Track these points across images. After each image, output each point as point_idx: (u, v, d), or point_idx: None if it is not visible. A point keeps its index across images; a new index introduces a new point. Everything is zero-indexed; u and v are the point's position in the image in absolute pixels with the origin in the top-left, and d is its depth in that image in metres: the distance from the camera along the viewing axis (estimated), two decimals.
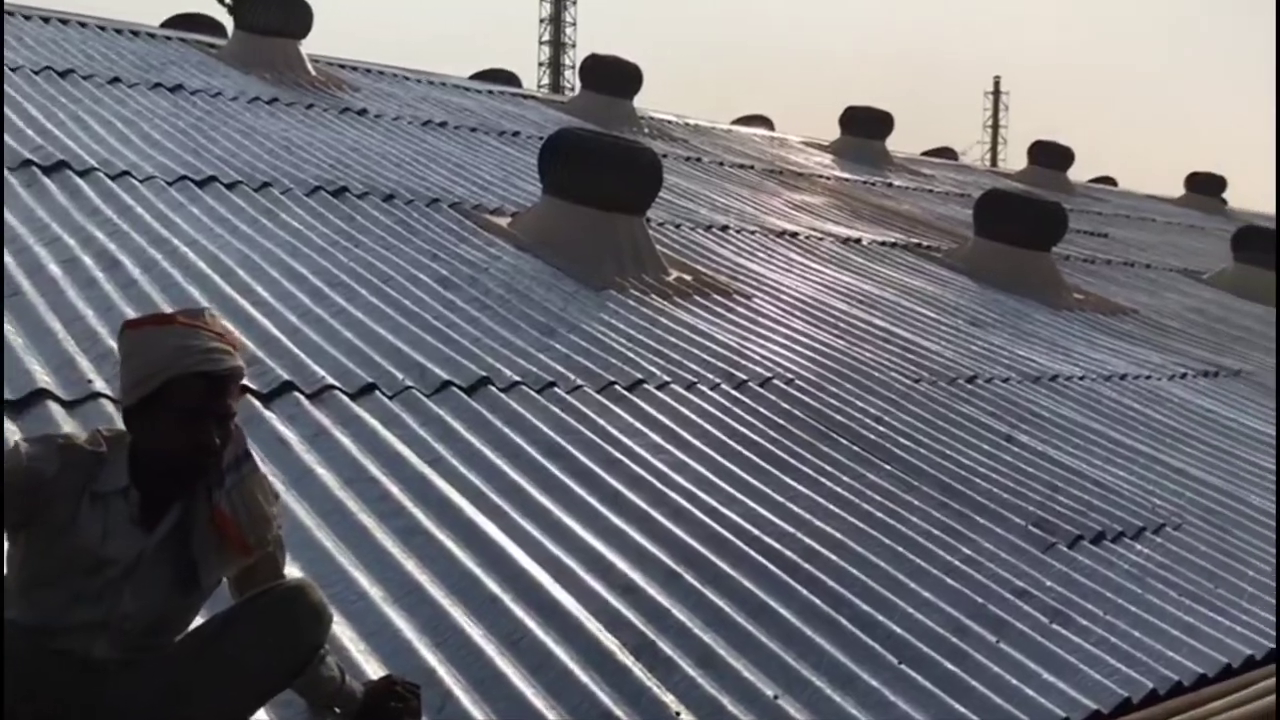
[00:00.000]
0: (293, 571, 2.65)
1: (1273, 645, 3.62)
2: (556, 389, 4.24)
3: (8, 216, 4.59)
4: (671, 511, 3.51)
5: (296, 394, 3.67)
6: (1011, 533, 3.99)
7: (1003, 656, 3.15)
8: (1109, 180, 19.44)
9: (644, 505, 3.50)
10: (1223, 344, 8.33)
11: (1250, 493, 5.11)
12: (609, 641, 2.76)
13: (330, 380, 3.81)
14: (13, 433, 2.98)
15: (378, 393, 3.84)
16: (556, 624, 2.79)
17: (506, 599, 2.83)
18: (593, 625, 2.81)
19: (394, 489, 3.25)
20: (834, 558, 3.44)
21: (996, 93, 55.15)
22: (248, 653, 2.08)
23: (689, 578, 3.13)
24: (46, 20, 9.02)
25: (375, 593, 2.75)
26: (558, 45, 46.43)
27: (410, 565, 2.90)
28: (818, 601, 3.17)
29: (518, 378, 4.22)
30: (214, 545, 2.12)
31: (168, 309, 3.71)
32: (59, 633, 2.04)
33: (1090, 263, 10.22)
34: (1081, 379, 6.23)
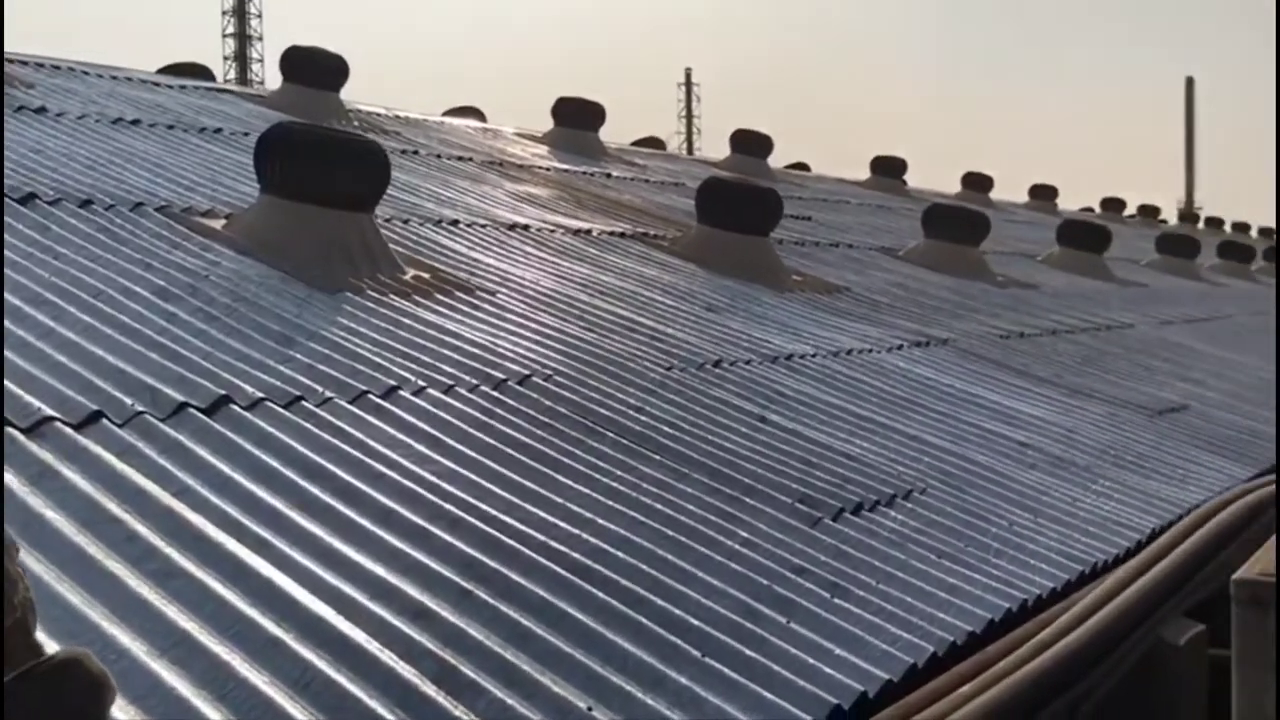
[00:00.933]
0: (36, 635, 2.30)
1: (1024, 597, 3.86)
2: (305, 403, 3.95)
3: None
4: (450, 524, 3.33)
5: (10, 430, 3.22)
6: (780, 511, 4.06)
7: (796, 637, 3.18)
8: (803, 166, 20.50)
9: (420, 521, 3.31)
10: (926, 315, 8.91)
11: (977, 452, 5.46)
12: (407, 672, 2.57)
13: (48, 411, 3.37)
14: None
15: (105, 421, 3.44)
16: (348, 661, 2.56)
17: (288, 639, 2.58)
18: (387, 657, 2.61)
19: (141, 528, 2.90)
20: (622, 555, 3.37)
21: (689, 84, 57.26)
22: None
23: (481, 593, 2.97)
24: None
25: (138, 648, 2.43)
26: (243, 38, 44.17)
27: (173, 612, 2.59)
28: (615, 602, 3.08)
29: (260, 394, 3.90)
30: None
31: None
32: None
33: (801, 245, 10.69)
34: (814, 356, 6.48)
